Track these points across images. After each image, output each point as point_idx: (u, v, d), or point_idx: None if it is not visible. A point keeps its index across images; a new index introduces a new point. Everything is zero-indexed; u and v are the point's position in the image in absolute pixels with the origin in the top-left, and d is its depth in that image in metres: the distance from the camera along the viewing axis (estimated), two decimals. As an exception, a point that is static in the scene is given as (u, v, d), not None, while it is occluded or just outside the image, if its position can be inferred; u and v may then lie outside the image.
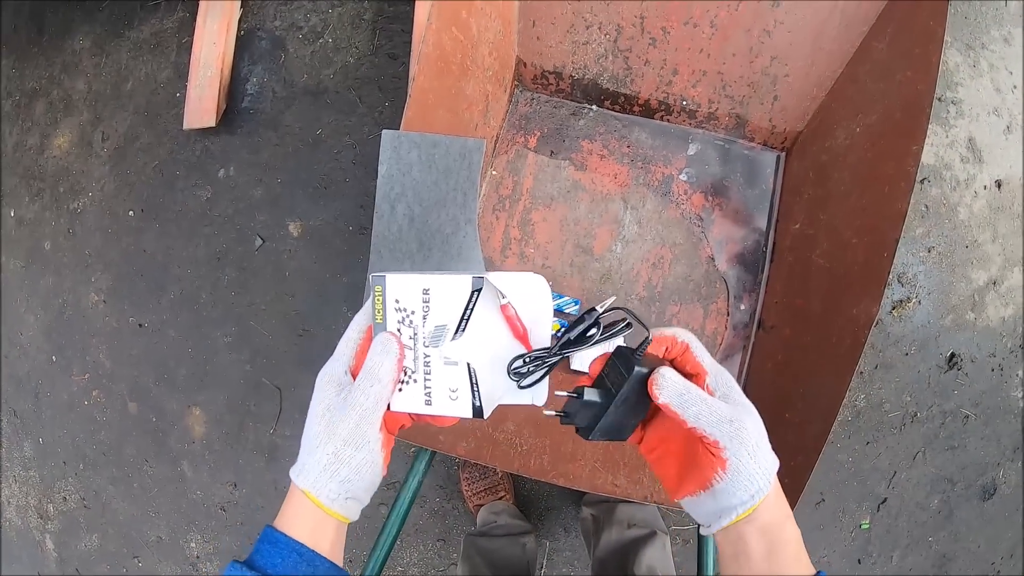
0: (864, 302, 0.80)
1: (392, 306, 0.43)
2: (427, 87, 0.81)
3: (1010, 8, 1.57)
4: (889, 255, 0.76)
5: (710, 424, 0.40)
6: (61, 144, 1.65)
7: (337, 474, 0.41)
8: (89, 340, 1.59)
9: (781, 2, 0.93)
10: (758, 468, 0.39)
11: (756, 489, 0.39)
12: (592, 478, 0.80)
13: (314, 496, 0.41)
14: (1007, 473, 1.47)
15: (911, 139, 0.78)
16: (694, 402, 0.40)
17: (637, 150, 0.96)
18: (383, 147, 0.79)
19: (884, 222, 0.80)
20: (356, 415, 0.41)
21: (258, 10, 1.43)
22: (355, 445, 0.41)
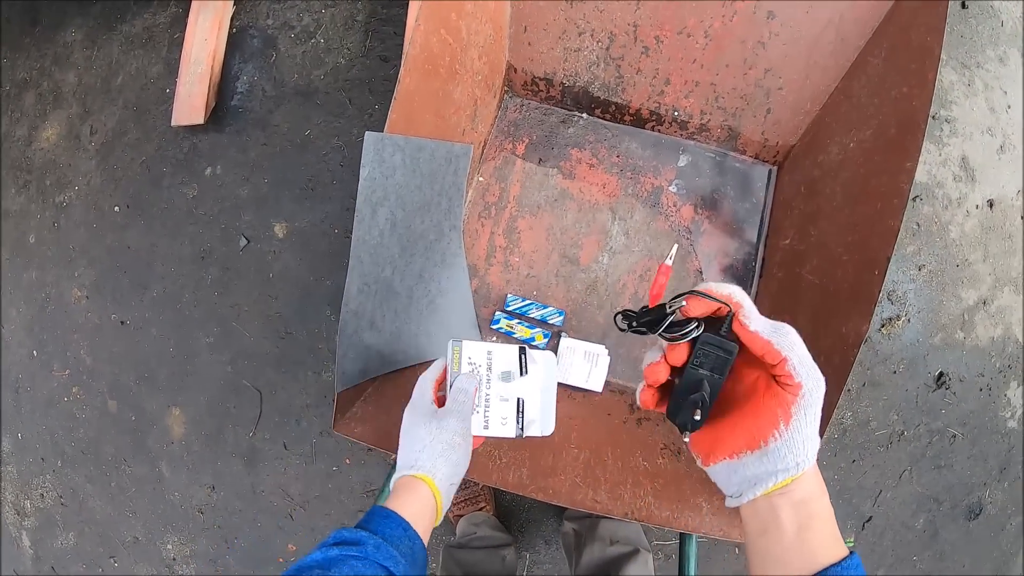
0: (853, 320, 0.78)
1: (465, 360, 0.63)
2: (413, 89, 0.79)
3: (1006, 28, 1.57)
4: (880, 273, 0.74)
5: (802, 361, 0.37)
6: (49, 136, 1.62)
7: (450, 458, 0.54)
8: (71, 336, 1.55)
9: (776, 14, 0.91)
10: (814, 435, 0.37)
11: (803, 457, 0.36)
12: (572, 493, 0.78)
13: (429, 478, 0.53)
14: (993, 493, 1.45)
15: (905, 156, 0.76)
16: (789, 332, 0.37)
17: (627, 160, 0.94)
18: (365, 149, 0.77)
19: (875, 239, 0.78)
20: (459, 417, 0.57)
21: (251, 8, 1.40)
22: (463, 435, 0.57)
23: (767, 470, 0.37)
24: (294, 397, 1.37)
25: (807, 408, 0.36)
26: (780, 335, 0.37)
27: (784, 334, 0.37)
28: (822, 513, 0.37)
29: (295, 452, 1.39)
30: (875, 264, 0.76)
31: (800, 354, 0.37)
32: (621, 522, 1.10)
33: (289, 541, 1.42)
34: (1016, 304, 1.45)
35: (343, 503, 1.40)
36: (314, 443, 1.38)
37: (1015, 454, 1.46)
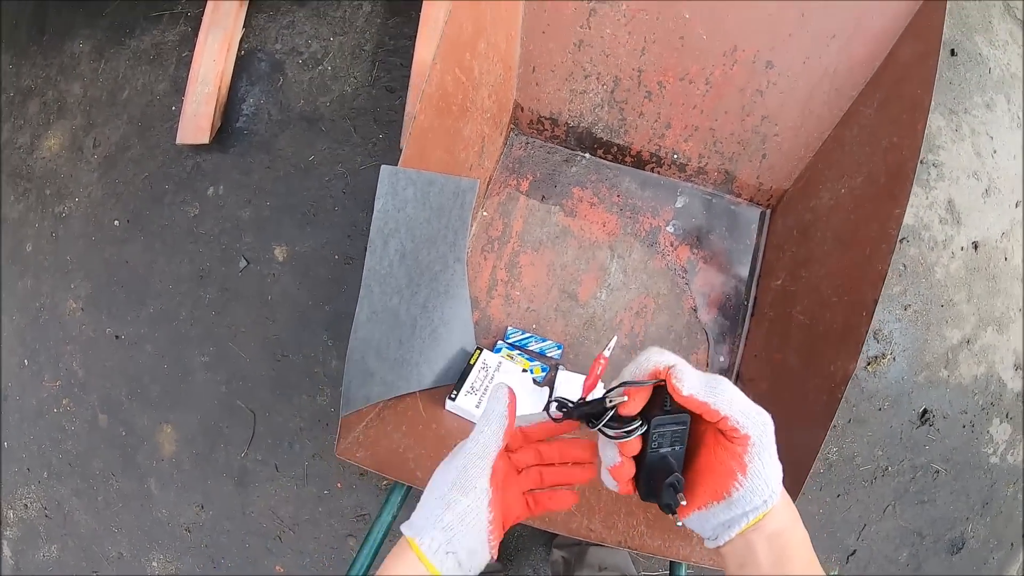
0: (841, 359, 0.81)
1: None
2: (427, 126, 0.81)
3: (993, 75, 1.63)
4: (868, 314, 0.77)
5: (744, 412, 0.37)
6: (51, 146, 1.62)
7: (441, 519, 0.41)
8: (63, 347, 1.54)
9: (775, 64, 0.95)
10: (774, 472, 0.38)
11: (769, 494, 0.38)
12: (567, 522, 0.80)
13: (416, 543, 0.41)
14: (976, 528, 1.48)
15: (894, 203, 0.79)
16: (725, 388, 0.38)
17: (627, 200, 0.97)
18: (381, 182, 0.78)
19: (864, 282, 0.81)
20: (463, 459, 0.42)
21: (260, 31, 1.43)
22: (461, 489, 0.41)
23: (736, 514, 0.38)
24: (288, 420, 1.37)
25: (760, 453, 0.37)
26: (715, 393, 0.37)
27: (719, 391, 0.38)
28: (797, 542, 0.39)
29: (287, 474, 1.39)
30: (863, 306, 0.78)
31: (739, 406, 0.38)
32: (610, 550, 1.12)
33: (277, 563, 1.41)
34: (999, 343, 1.49)
35: (333, 527, 1.39)
36: (306, 466, 1.38)
37: (997, 489, 1.50)
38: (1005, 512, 1.51)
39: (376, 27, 1.38)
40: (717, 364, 0.97)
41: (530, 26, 0.93)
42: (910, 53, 0.90)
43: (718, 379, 0.39)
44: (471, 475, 0.41)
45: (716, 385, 0.38)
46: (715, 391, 0.38)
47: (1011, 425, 1.50)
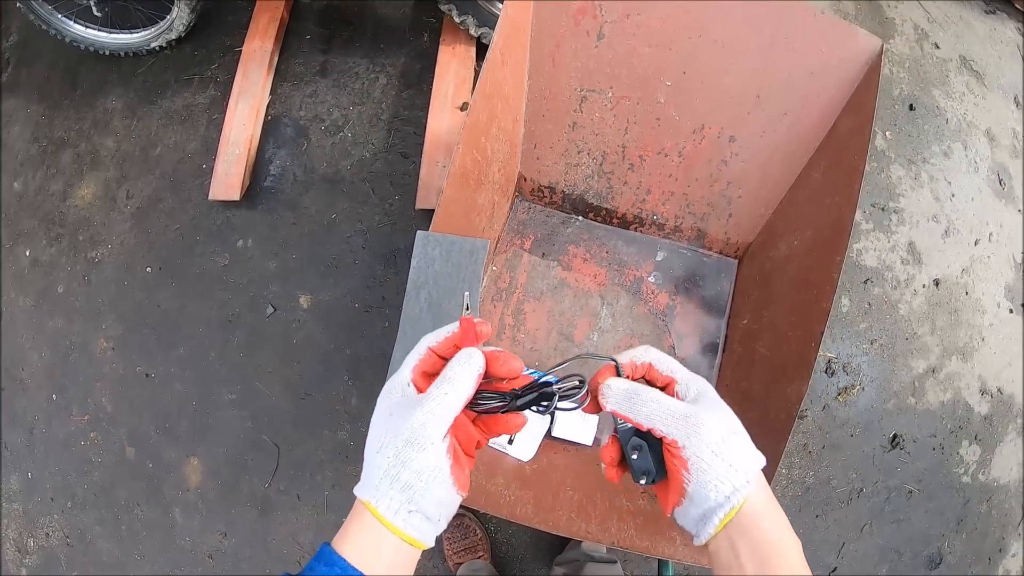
0: (795, 383, 0.96)
1: None
2: (452, 198, 1.04)
3: (950, 125, 1.89)
4: (816, 344, 0.93)
5: (663, 422, 0.41)
6: (84, 195, 1.85)
7: (398, 478, 0.40)
8: (93, 384, 1.74)
9: (736, 138, 1.19)
10: (727, 466, 0.40)
11: (731, 489, 0.40)
12: (569, 525, 0.96)
13: (373, 506, 0.40)
14: (952, 544, 1.67)
15: (835, 251, 0.97)
16: (644, 403, 0.42)
17: (614, 255, 1.21)
18: (416, 244, 1.01)
19: (812, 319, 0.98)
20: (422, 415, 0.41)
21: (286, 99, 1.68)
22: (418, 446, 0.40)
23: (705, 509, 0.41)
24: (310, 453, 1.57)
25: (697, 451, 0.40)
26: (633, 408, 0.42)
27: (637, 405, 0.42)
28: (782, 550, 0.40)
29: (308, 503, 1.58)
30: (812, 338, 0.95)
31: (659, 417, 0.42)
32: (606, 565, 1.31)
33: (297, 588, 1.59)
34: (963, 371, 1.71)
35: (350, 550, 1.58)
36: (326, 495, 1.58)
37: (971, 507, 1.69)
38: (980, 528, 1.70)
39: (391, 98, 1.65)
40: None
41: (532, 111, 1.18)
42: (849, 126, 1.11)
43: (637, 390, 0.44)
44: (428, 431, 0.41)
45: (635, 397, 0.43)
46: (634, 405, 0.43)
47: (980, 446, 1.71)
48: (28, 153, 1.92)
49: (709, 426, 0.41)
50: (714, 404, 0.44)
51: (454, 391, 0.42)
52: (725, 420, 0.43)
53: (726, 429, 0.42)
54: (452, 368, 0.43)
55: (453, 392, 0.42)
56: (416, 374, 0.45)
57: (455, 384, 0.42)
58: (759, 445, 1.05)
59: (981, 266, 1.77)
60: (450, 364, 0.44)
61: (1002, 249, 1.79)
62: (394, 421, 0.42)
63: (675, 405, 0.42)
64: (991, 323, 1.74)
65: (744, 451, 0.42)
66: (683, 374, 0.46)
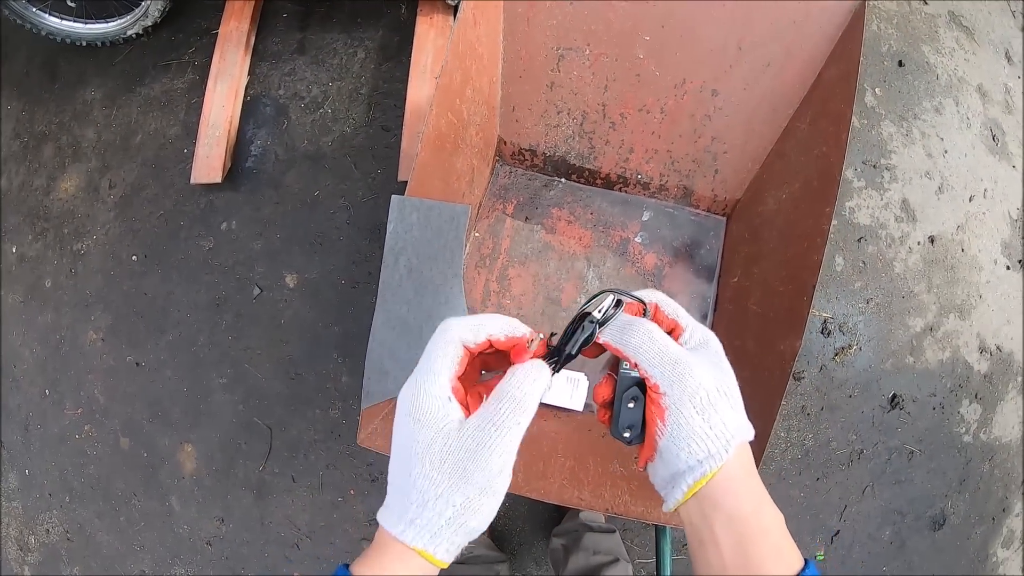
0: (789, 339, 0.94)
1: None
2: (426, 162, 1.02)
3: (941, 81, 1.87)
4: (808, 299, 0.91)
5: (649, 361, 0.37)
6: (67, 188, 1.84)
7: (465, 526, 0.36)
8: (85, 376, 1.73)
9: (719, 91, 1.17)
10: (707, 428, 0.36)
11: (705, 454, 0.36)
12: (561, 493, 0.96)
13: (430, 554, 0.36)
14: (955, 504, 1.66)
15: (825, 202, 0.95)
16: (636, 333, 0.38)
17: (599, 216, 1.19)
18: (392, 209, 1.00)
19: (804, 272, 0.96)
20: (498, 460, 0.36)
21: (264, 78, 1.66)
22: (492, 493, 0.36)
23: (674, 471, 0.37)
24: (303, 433, 1.56)
25: (679, 404, 0.36)
26: (625, 338, 0.38)
27: (630, 335, 0.38)
28: (763, 526, 0.36)
29: (303, 484, 1.58)
30: (804, 292, 0.93)
31: (648, 353, 0.38)
32: (604, 535, 1.30)
33: (296, 569, 1.59)
34: (962, 328, 1.69)
35: (347, 532, 1.58)
36: (321, 475, 1.57)
37: (973, 466, 1.68)
38: (983, 488, 1.69)
39: (370, 72, 1.62)
40: (686, 355, 1.17)
41: (509, 72, 1.16)
42: (834, 74, 1.09)
43: (635, 324, 0.39)
44: (506, 477, 0.37)
45: (631, 328, 0.39)
46: (626, 335, 0.39)
47: (981, 405, 1.70)
48: (10, 149, 1.91)
49: (697, 378, 0.37)
50: (713, 358, 0.40)
51: (526, 419, 0.37)
52: (718, 377, 0.38)
53: (716, 386, 0.37)
54: (520, 387, 0.37)
55: (526, 420, 0.37)
56: (454, 385, 0.39)
57: (527, 410, 0.37)
58: (754, 403, 1.03)
59: (976, 223, 1.74)
60: (514, 381, 0.38)
61: (997, 205, 1.77)
62: (457, 462, 0.36)
63: (669, 347, 0.38)
64: (988, 280, 1.71)
65: (730, 415, 0.37)
66: (688, 320, 0.43)
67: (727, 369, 0.40)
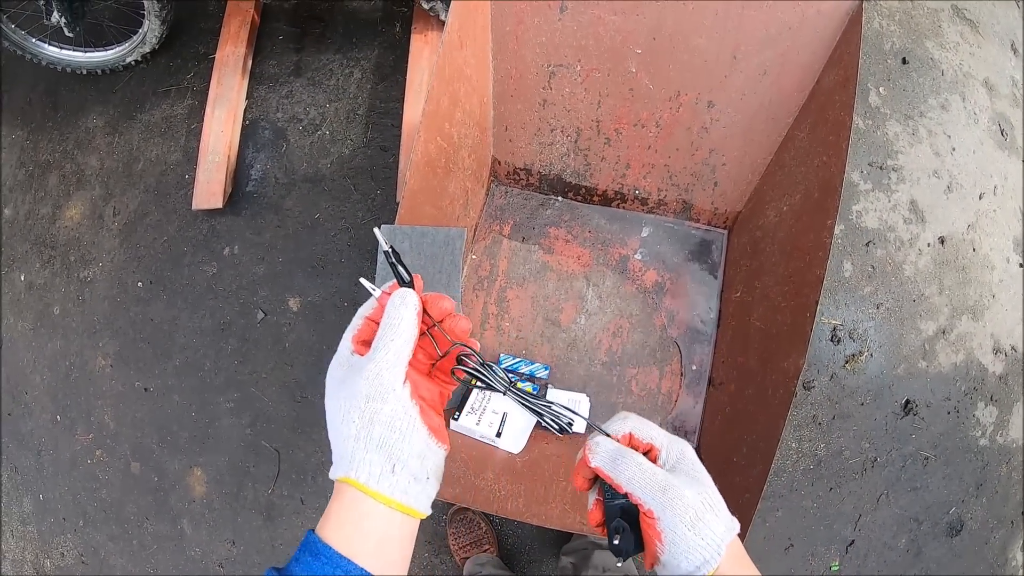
0: (792, 356, 0.92)
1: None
2: (416, 188, 1.01)
3: (947, 77, 1.82)
4: (811, 315, 0.89)
5: (642, 491, 0.42)
6: (73, 215, 1.85)
7: (370, 437, 0.37)
8: (95, 402, 1.74)
9: (715, 103, 1.15)
10: (700, 540, 0.40)
11: (701, 560, 0.40)
12: (562, 518, 0.95)
13: (352, 478, 0.37)
14: (972, 509, 1.62)
15: (826, 214, 0.93)
16: (627, 466, 0.42)
17: (597, 234, 1.17)
18: (381, 240, 0.98)
19: (806, 287, 0.94)
20: (374, 367, 0.39)
21: (262, 102, 1.66)
22: (380, 397, 0.38)
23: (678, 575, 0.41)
24: (310, 456, 1.56)
25: (673, 526, 0.40)
26: (617, 470, 0.43)
27: (620, 468, 0.43)
28: None
29: (312, 507, 1.57)
30: (807, 308, 0.91)
31: (640, 483, 0.42)
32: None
33: (306, 591, 1.59)
34: (975, 330, 1.65)
35: (356, 551, 1.57)
36: (329, 497, 1.56)
37: (990, 470, 1.64)
38: (1001, 492, 1.65)
39: (367, 92, 1.62)
40: (690, 372, 1.15)
41: (500, 92, 1.14)
42: (833, 80, 1.06)
43: (624, 454, 0.43)
44: (386, 379, 0.38)
45: (620, 459, 0.43)
46: (617, 467, 0.43)
47: (997, 407, 1.65)
48: (16, 179, 1.92)
49: (685, 502, 0.41)
50: (692, 472, 0.44)
51: (398, 334, 0.40)
52: (701, 493, 0.42)
53: (701, 504, 0.41)
54: (388, 313, 0.41)
55: (398, 336, 0.40)
56: (356, 343, 0.44)
57: (396, 327, 0.40)
58: (758, 422, 1.00)
59: (987, 221, 1.70)
60: (386, 311, 0.42)
61: (1008, 202, 1.72)
62: (347, 386, 0.40)
63: (656, 475, 0.42)
64: (1001, 279, 1.67)
65: (716, 524, 0.41)
66: (663, 439, 0.46)
67: (705, 479, 0.44)
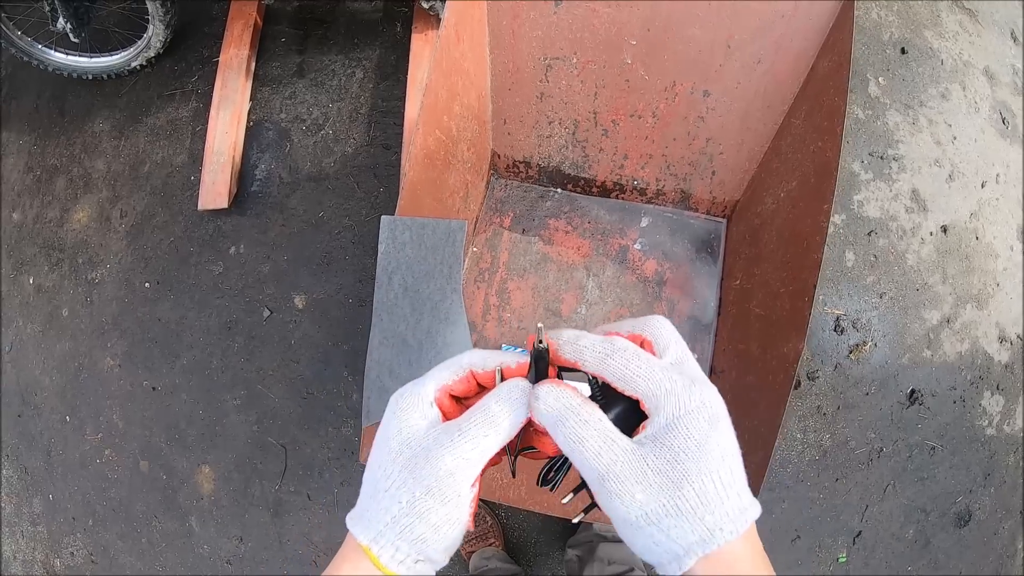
0: (792, 341, 0.93)
1: None
2: (416, 180, 1.03)
3: (946, 66, 1.82)
4: (809, 299, 0.89)
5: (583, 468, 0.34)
6: (80, 218, 1.88)
7: (410, 531, 0.34)
8: (103, 402, 1.77)
9: (711, 92, 1.15)
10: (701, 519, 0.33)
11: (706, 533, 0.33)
12: (564, 506, 0.96)
13: (375, 555, 0.34)
14: (980, 499, 1.61)
15: (823, 199, 0.93)
16: (577, 430, 0.34)
17: (596, 225, 1.18)
18: (382, 229, 1.00)
19: (804, 271, 0.94)
20: (451, 461, 0.34)
21: (266, 103, 1.69)
22: (440, 497, 0.34)
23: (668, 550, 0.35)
24: (317, 451, 1.58)
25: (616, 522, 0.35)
26: (561, 431, 0.34)
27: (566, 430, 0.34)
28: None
29: (319, 502, 1.59)
30: (805, 292, 0.91)
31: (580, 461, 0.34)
32: (618, 545, 1.29)
33: (314, 586, 1.60)
34: (980, 319, 1.64)
35: (364, 547, 1.58)
36: (336, 493, 1.58)
37: (998, 460, 1.63)
38: (1009, 482, 1.64)
39: (369, 92, 1.64)
40: (691, 361, 1.15)
41: (498, 85, 1.16)
42: (827, 67, 1.07)
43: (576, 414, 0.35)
44: (458, 483, 0.34)
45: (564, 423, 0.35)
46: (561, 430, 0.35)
47: (1003, 396, 1.64)
48: (24, 183, 1.96)
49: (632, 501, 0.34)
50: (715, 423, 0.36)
51: (496, 435, 0.34)
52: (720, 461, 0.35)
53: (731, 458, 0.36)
54: (497, 403, 0.35)
55: (495, 435, 0.35)
56: (443, 392, 0.38)
57: (498, 426, 0.35)
58: (759, 407, 1.01)
59: (990, 209, 1.70)
60: (494, 395, 0.35)
61: (1011, 190, 1.72)
62: (414, 457, 0.34)
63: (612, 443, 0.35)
64: (1005, 267, 1.67)
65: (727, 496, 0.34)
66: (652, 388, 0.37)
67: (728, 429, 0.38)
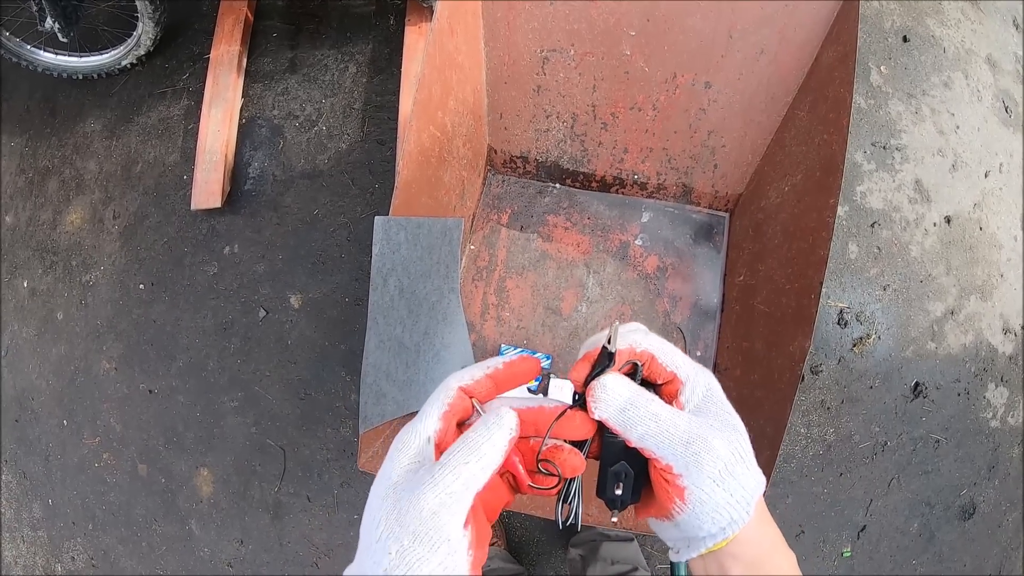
0: (798, 339, 0.92)
1: None
2: (410, 178, 1.00)
3: (948, 54, 1.79)
4: (816, 296, 0.88)
5: (659, 446, 0.35)
6: (73, 220, 1.85)
7: None
8: (100, 405, 1.74)
9: (713, 83, 1.12)
10: (729, 497, 0.34)
11: (728, 520, 0.35)
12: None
13: None
14: (984, 492, 1.59)
15: (829, 193, 0.92)
16: (640, 420, 0.35)
17: (596, 221, 1.15)
18: (376, 231, 0.97)
19: (810, 268, 0.93)
20: (433, 499, 0.31)
21: (258, 100, 1.65)
22: (428, 543, 0.30)
23: (690, 536, 0.36)
24: (315, 452, 1.55)
25: (699, 483, 0.34)
26: (627, 423, 0.35)
27: (632, 421, 0.35)
28: (774, 568, 0.36)
29: (318, 503, 1.56)
30: (811, 289, 0.90)
31: (657, 439, 0.35)
32: (621, 544, 1.27)
33: (315, 588, 1.58)
34: (984, 310, 1.62)
35: (365, 548, 1.56)
36: (336, 494, 1.56)
37: (1002, 452, 1.61)
38: (1014, 474, 1.62)
39: (362, 86, 1.61)
40: (694, 358, 1.12)
41: (493, 79, 1.12)
42: (832, 57, 1.04)
43: (634, 401, 0.36)
44: (443, 523, 0.31)
45: (632, 411, 0.35)
46: (628, 420, 0.35)
47: (1007, 388, 1.62)
48: (16, 186, 1.92)
49: (716, 451, 0.34)
50: (722, 415, 0.37)
51: (478, 461, 0.32)
52: (732, 440, 0.35)
53: (732, 454, 0.35)
54: (477, 430, 0.34)
55: (476, 463, 0.32)
56: (447, 422, 0.36)
57: (479, 451, 0.32)
58: (765, 406, 0.98)
59: (994, 199, 1.67)
60: (477, 424, 0.34)
61: (1014, 180, 1.69)
62: (397, 500, 0.31)
63: (676, 426, 0.35)
64: (1009, 258, 1.64)
65: (746, 477, 0.35)
66: (687, 368, 0.38)
67: (736, 423, 0.37)
